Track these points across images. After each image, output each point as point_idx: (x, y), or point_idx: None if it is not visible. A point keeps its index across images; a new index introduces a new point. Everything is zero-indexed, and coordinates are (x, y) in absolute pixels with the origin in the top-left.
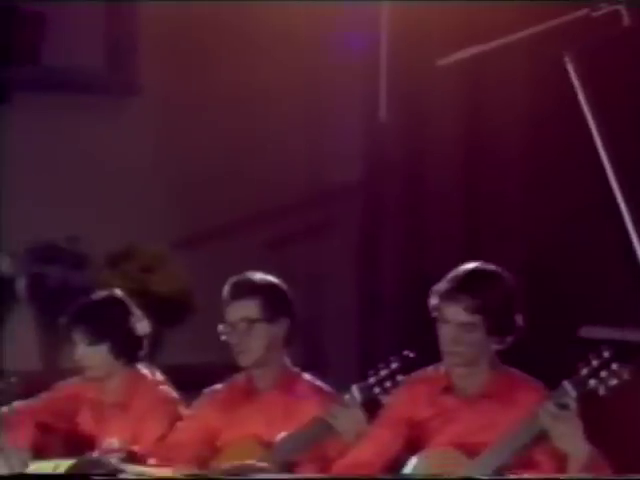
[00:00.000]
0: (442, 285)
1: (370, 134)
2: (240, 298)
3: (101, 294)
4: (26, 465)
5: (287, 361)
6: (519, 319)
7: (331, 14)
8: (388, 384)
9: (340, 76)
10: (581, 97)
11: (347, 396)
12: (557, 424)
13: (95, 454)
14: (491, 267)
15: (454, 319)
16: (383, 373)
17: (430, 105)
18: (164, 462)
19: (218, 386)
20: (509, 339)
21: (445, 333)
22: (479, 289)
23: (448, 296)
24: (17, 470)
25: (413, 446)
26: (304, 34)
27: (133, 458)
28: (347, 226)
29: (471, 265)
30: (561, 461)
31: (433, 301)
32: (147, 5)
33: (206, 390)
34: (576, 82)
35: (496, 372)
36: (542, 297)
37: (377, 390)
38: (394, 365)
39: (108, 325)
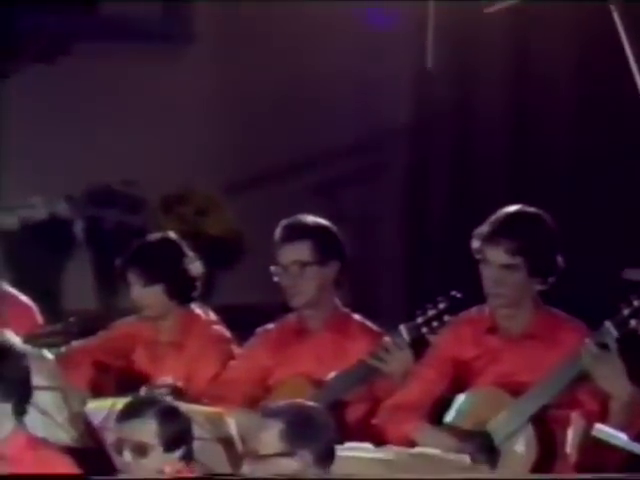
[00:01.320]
0: (484, 228)
1: (418, 81)
2: (292, 241)
3: (155, 236)
4: (84, 403)
5: (337, 302)
6: (560, 260)
7: None
8: (435, 324)
9: (390, 24)
10: (626, 45)
11: (395, 336)
12: (599, 364)
13: (149, 391)
14: (532, 209)
15: (495, 261)
16: (431, 313)
17: (477, 52)
18: (216, 401)
19: (270, 326)
20: (551, 280)
21: (488, 275)
22: (519, 231)
23: (489, 239)
24: (76, 409)
25: (458, 386)
26: None
27: (185, 396)
28: (395, 170)
29: (512, 208)
30: (604, 401)
31: (475, 244)
32: None
33: (258, 330)
34: (621, 30)
35: (539, 313)
36: (586, 239)
37: (425, 330)
38: (442, 305)
39: (162, 267)
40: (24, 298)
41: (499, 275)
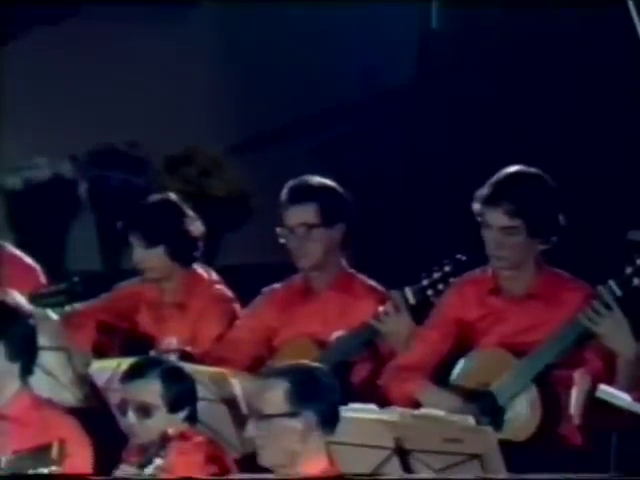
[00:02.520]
0: (483, 190)
1: (423, 40)
2: (298, 203)
3: (154, 198)
4: (88, 364)
5: (344, 263)
6: (561, 219)
7: None
8: (441, 286)
9: None
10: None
11: (398, 298)
12: (604, 323)
13: (154, 353)
14: (530, 170)
15: (496, 223)
16: (436, 276)
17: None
18: (220, 361)
19: (276, 286)
20: (553, 239)
21: (489, 237)
22: (518, 193)
23: (489, 201)
24: (80, 370)
25: (462, 347)
26: None
27: (190, 357)
28: (398, 129)
29: (511, 169)
30: (609, 360)
31: (476, 206)
32: None
33: (264, 289)
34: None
35: (542, 273)
36: (590, 200)
37: (430, 292)
38: (447, 268)
39: (163, 228)
40: (28, 259)
41: (500, 237)
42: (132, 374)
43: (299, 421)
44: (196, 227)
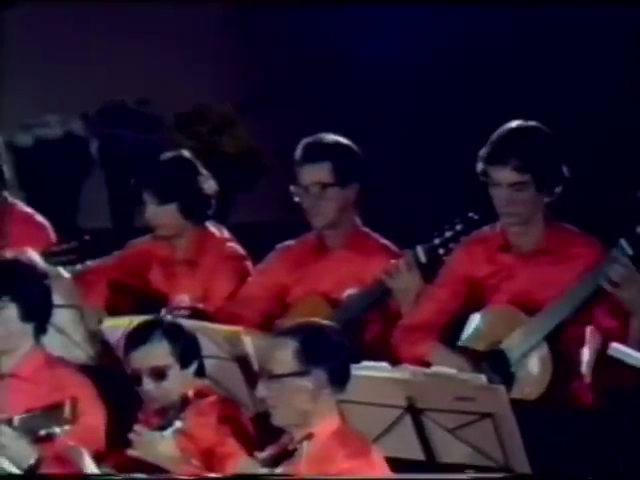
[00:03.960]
0: (487, 149)
1: None
2: (313, 161)
3: (168, 155)
4: (101, 322)
5: (358, 221)
6: (565, 170)
7: None
8: (452, 245)
9: None
10: None
11: (409, 257)
12: (617, 280)
13: (166, 311)
14: (530, 124)
15: (505, 180)
16: (448, 234)
17: None
18: (233, 318)
19: (289, 243)
20: (558, 190)
21: (498, 196)
22: (524, 147)
23: (495, 159)
24: (92, 327)
25: (473, 305)
26: None
27: (202, 315)
28: (413, 88)
29: (511, 125)
30: (623, 317)
31: (480, 166)
32: None
33: (277, 246)
34: None
35: (550, 228)
36: (601, 157)
37: (441, 251)
38: (458, 227)
39: (176, 185)
40: (38, 216)
41: (510, 194)
42: (135, 342)
43: (309, 380)
44: (209, 185)
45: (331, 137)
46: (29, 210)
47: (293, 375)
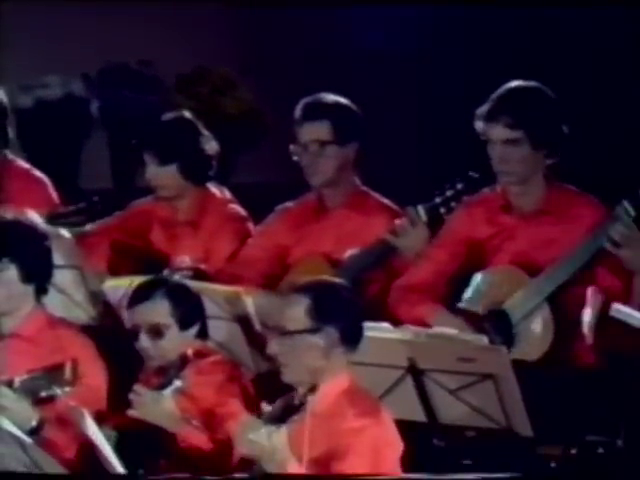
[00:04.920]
0: (484, 107)
1: None
2: (312, 120)
3: (170, 115)
4: (102, 282)
5: (357, 181)
6: (565, 129)
7: None
8: (453, 204)
9: None
10: None
11: (413, 215)
12: (619, 240)
13: (167, 272)
14: (529, 83)
15: (498, 138)
16: (449, 193)
17: None
18: (234, 279)
19: (289, 204)
20: (558, 151)
21: (493, 153)
22: (517, 105)
23: (489, 117)
24: (93, 287)
25: (475, 266)
26: None
27: (203, 275)
28: (412, 49)
29: (510, 84)
30: (625, 277)
31: (478, 124)
32: None
33: (277, 207)
34: None
35: (551, 188)
36: (602, 120)
37: (442, 210)
38: (459, 186)
39: (177, 146)
40: (37, 172)
41: (503, 151)
42: (138, 298)
43: (321, 337)
44: (210, 146)
45: (330, 97)
46: (27, 165)
47: (305, 332)
